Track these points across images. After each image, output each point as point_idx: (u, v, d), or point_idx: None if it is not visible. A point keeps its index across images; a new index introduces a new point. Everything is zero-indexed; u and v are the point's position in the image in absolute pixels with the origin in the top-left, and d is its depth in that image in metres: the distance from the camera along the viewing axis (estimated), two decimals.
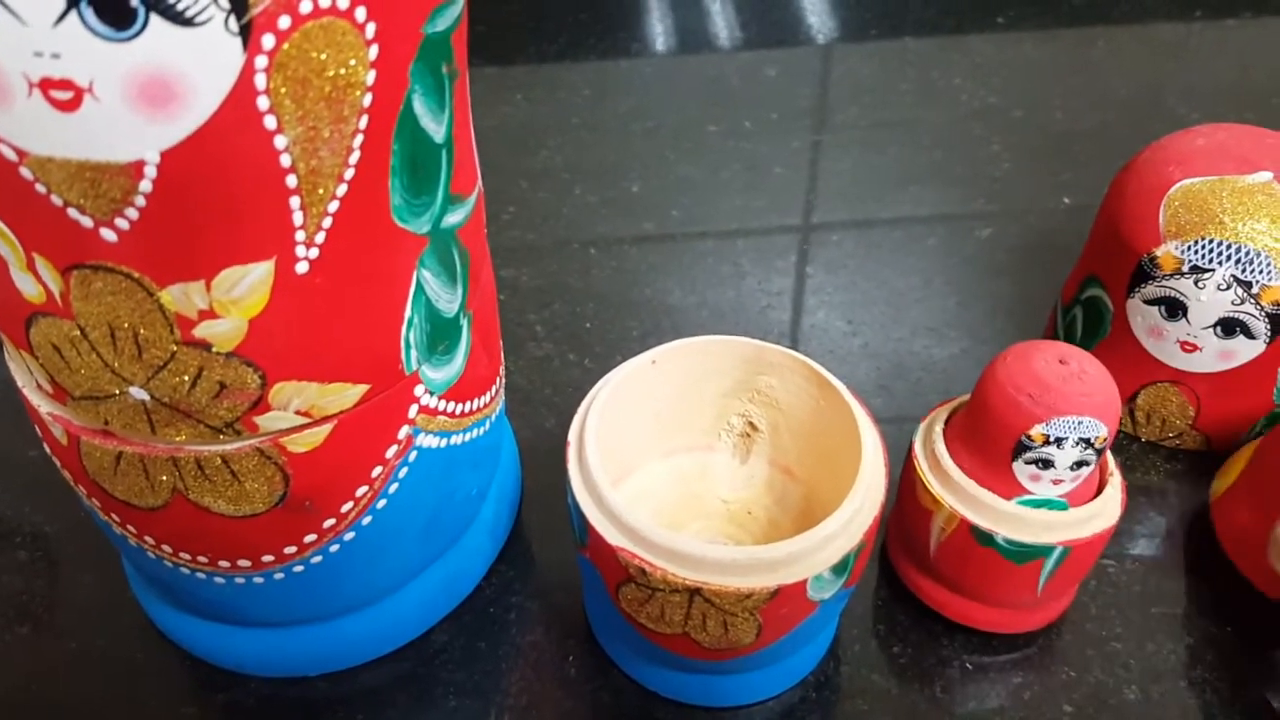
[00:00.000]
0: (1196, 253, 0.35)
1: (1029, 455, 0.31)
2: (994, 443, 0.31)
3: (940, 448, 0.33)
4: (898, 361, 0.44)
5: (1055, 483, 0.31)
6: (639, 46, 0.65)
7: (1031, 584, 0.33)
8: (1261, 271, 0.35)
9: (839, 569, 0.29)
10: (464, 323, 0.30)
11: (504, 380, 0.36)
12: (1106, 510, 0.32)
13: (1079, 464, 0.31)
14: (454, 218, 0.27)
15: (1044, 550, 0.32)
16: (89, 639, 0.36)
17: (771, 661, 0.32)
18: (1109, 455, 0.34)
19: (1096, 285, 0.39)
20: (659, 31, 0.66)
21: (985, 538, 0.32)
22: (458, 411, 0.31)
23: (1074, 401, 0.30)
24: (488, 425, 0.34)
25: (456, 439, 0.32)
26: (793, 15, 0.67)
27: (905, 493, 0.35)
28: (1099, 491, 0.33)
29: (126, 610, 0.36)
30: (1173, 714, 0.33)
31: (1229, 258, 0.35)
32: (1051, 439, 0.30)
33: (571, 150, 0.56)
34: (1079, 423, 0.30)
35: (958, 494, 0.32)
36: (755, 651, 0.30)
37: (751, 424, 0.36)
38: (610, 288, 0.48)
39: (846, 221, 0.52)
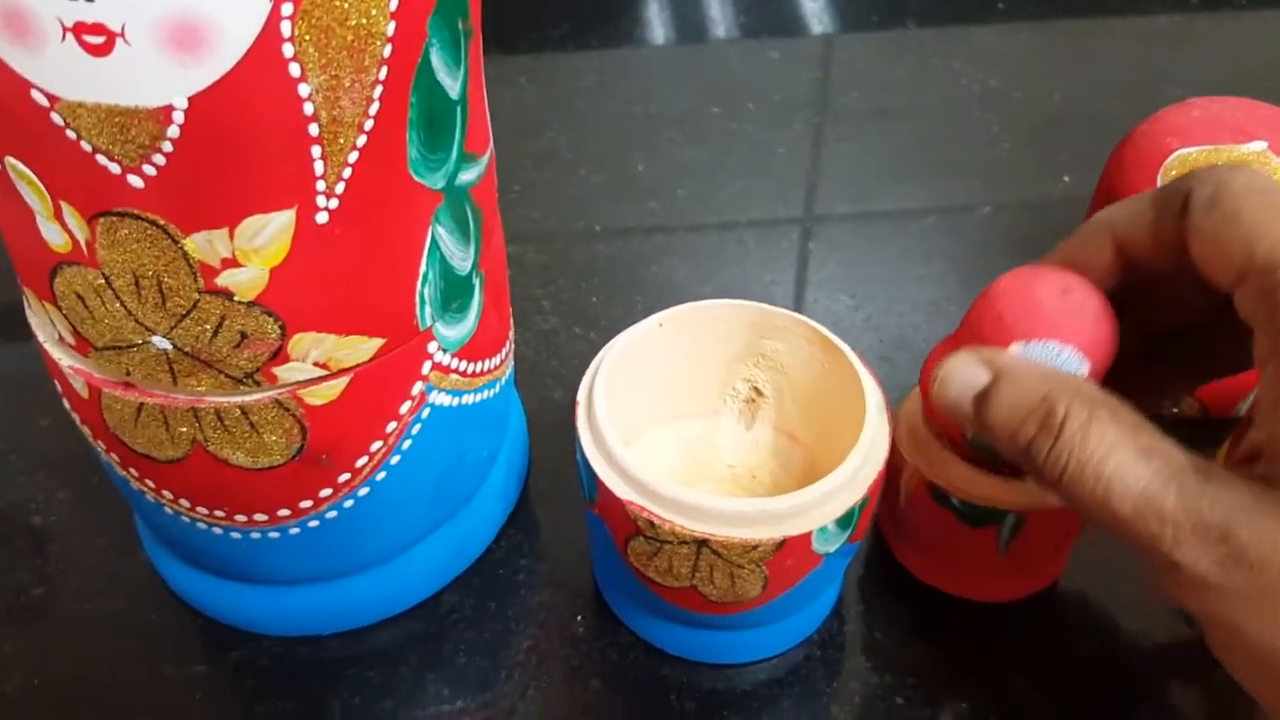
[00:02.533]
0: None
1: None
2: None
3: (917, 406, 0.34)
4: (899, 334, 0.45)
5: None
6: (641, 34, 0.65)
7: (991, 549, 0.33)
8: None
9: (843, 522, 0.30)
10: (476, 282, 0.30)
11: (513, 345, 0.36)
12: None
13: None
14: (468, 175, 0.28)
15: (997, 515, 0.32)
16: (102, 601, 0.36)
17: (777, 618, 0.33)
18: None
19: None
20: (660, 20, 0.67)
21: (941, 496, 0.32)
22: (469, 371, 0.32)
23: (1059, 328, 0.28)
24: (498, 388, 0.34)
25: (468, 399, 0.32)
26: (792, 4, 0.67)
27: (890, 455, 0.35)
28: None
29: (139, 571, 0.37)
30: (1157, 671, 0.34)
31: None
32: None
33: (575, 133, 0.57)
34: (1058, 353, 0.28)
35: (921, 450, 0.33)
36: (761, 605, 0.31)
37: (757, 389, 0.37)
38: (615, 265, 0.49)
39: (848, 201, 0.53)
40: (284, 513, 0.30)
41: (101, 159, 0.23)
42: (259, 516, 0.31)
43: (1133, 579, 0.37)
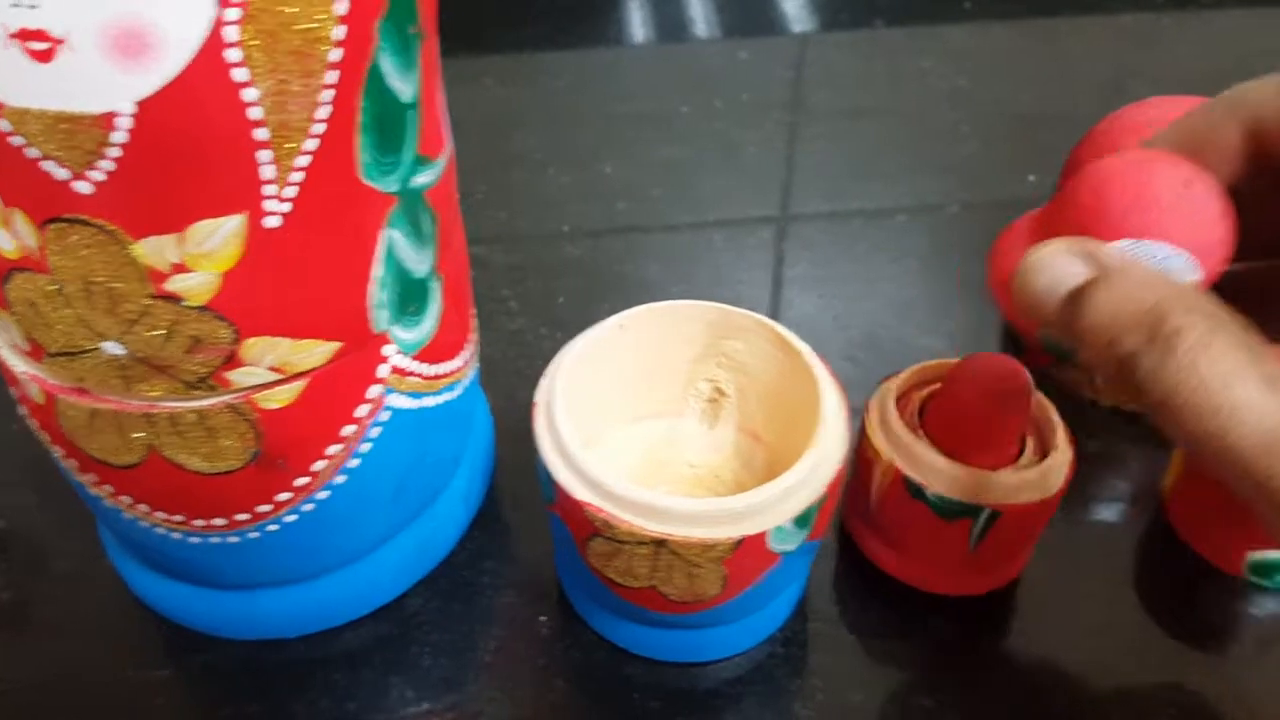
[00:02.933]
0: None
1: None
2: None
3: (889, 402, 0.34)
4: (868, 333, 0.45)
5: None
6: (614, 34, 0.65)
7: (961, 543, 0.33)
8: None
9: (801, 521, 0.30)
10: (434, 285, 0.30)
11: (477, 348, 0.36)
12: (1044, 482, 0.33)
13: None
14: (423, 178, 0.28)
15: (971, 510, 0.32)
16: (67, 605, 0.36)
17: (740, 616, 0.33)
18: (1061, 426, 0.34)
19: None
20: (634, 20, 0.67)
21: (916, 490, 0.33)
22: (430, 373, 0.32)
23: (1174, 227, 0.25)
24: (460, 389, 0.34)
25: (429, 401, 0.32)
26: (765, 4, 0.68)
27: (858, 450, 0.35)
28: (1042, 460, 0.34)
29: (104, 576, 0.37)
30: (1120, 666, 0.34)
31: None
32: None
33: (545, 133, 0.57)
34: (1170, 255, 0.25)
35: (896, 445, 0.33)
36: (722, 604, 0.31)
37: (719, 389, 0.37)
38: (583, 265, 0.49)
39: (819, 201, 0.53)
40: (242, 517, 0.30)
41: (49, 165, 0.23)
42: (217, 521, 0.31)
43: (1095, 573, 0.37)
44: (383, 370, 0.30)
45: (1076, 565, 0.37)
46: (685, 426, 0.38)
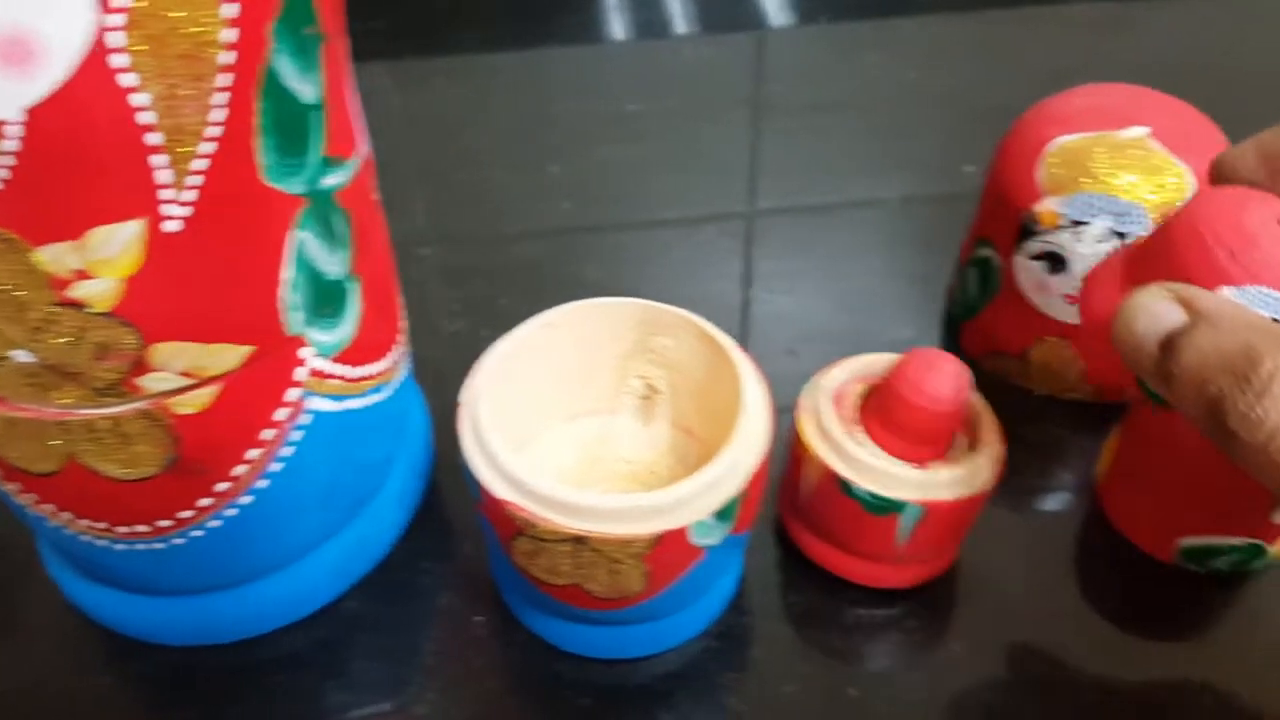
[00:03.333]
0: (1073, 207, 0.37)
1: None
2: None
3: (821, 396, 0.34)
4: (807, 328, 0.45)
5: None
6: (564, 35, 0.65)
7: (890, 537, 0.33)
8: (1135, 223, 0.36)
9: (722, 515, 0.30)
10: (351, 286, 0.30)
11: (408, 347, 0.36)
12: (972, 478, 0.33)
13: None
14: (333, 180, 0.28)
15: (898, 505, 0.32)
16: (4, 614, 0.36)
17: (670, 612, 0.33)
18: (991, 422, 0.34)
19: (987, 245, 0.41)
20: (606, 20, 0.67)
21: (845, 486, 0.33)
22: (352, 375, 0.32)
23: (1274, 272, 0.25)
24: (389, 391, 0.34)
25: (354, 403, 0.32)
26: (728, 3, 0.68)
27: (790, 444, 0.36)
28: (971, 454, 0.34)
29: (40, 585, 0.36)
30: (1058, 650, 0.35)
31: (1105, 210, 0.36)
32: None
33: (492, 134, 0.57)
34: (1270, 300, 0.25)
35: (826, 440, 0.33)
36: (647, 600, 0.31)
37: (652, 386, 0.37)
38: (529, 266, 0.49)
39: (770, 197, 0.53)
40: (165, 523, 0.30)
41: None
42: (140, 528, 0.30)
43: (1030, 562, 0.37)
44: (300, 373, 0.30)
45: (1011, 555, 0.37)
46: (620, 423, 0.38)
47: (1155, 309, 0.24)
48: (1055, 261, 0.38)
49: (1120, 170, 0.36)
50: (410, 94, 0.60)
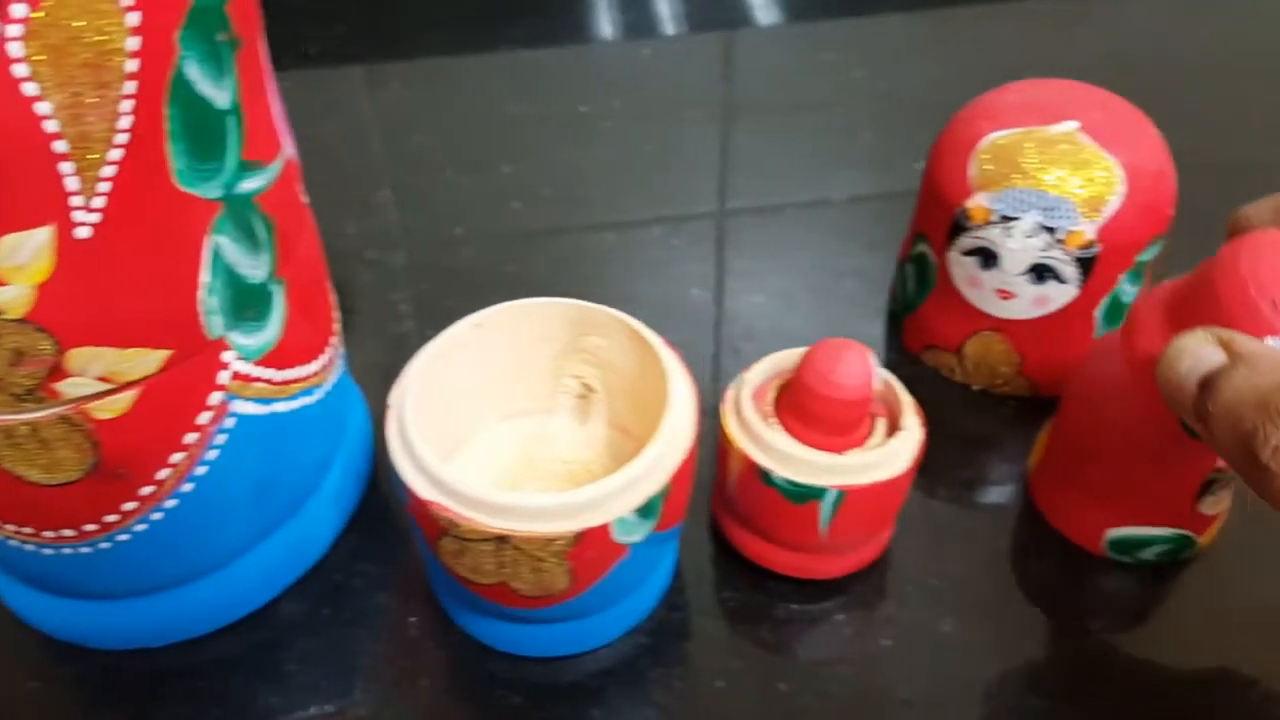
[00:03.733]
0: (1003, 203, 0.37)
1: None
2: None
3: (744, 391, 0.35)
4: (750, 325, 0.46)
5: None
6: (536, 36, 0.65)
7: (812, 526, 0.34)
8: (1065, 217, 0.36)
9: (644, 512, 0.30)
10: (275, 289, 0.31)
11: (341, 350, 0.37)
12: (889, 462, 0.33)
13: None
14: (251, 184, 0.28)
15: (817, 492, 0.33)
16: None
17: (599, 609, 0.33)
18: (912, 405, 0.35)
19: (923, 242, 0.41)
20: (538, 24, 0.67)
21: (765, 475, 0.33)
22: (278, 379, 0.32)
23: None
24: (320, 394, 0.34)
25: (282, 406, 0.32)
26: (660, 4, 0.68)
27: (718, 439, 0.36)
28: (890, 439, 0.34)
29: None
30: (987, 642, 0.35)
31: (1034, 206, 0.37)
32: None
33: (445, 136, 0.57)
34: None
35: (747, 433, 0.34)
36: (574, 598, 0.31)
37: (587, 385, 0.37)
38: (478, 269, 0.49)
39: (715, 199, 0.53)
40: (90, 528, 0.30)
41: None
42: (66, 532, 0.31)
43: (962, 554, 0.38)
44: (223, 377, 0.30)
45: (943, 548, 0.38)
46: (557, 423, 0.38)
47: (1199, 352, 0.25)
48: (987, 257, 0.38)
49: (1050, 165, 0.37)
50: (366, 98, 0.60)
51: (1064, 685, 0.34)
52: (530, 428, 0.38)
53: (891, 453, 0.33)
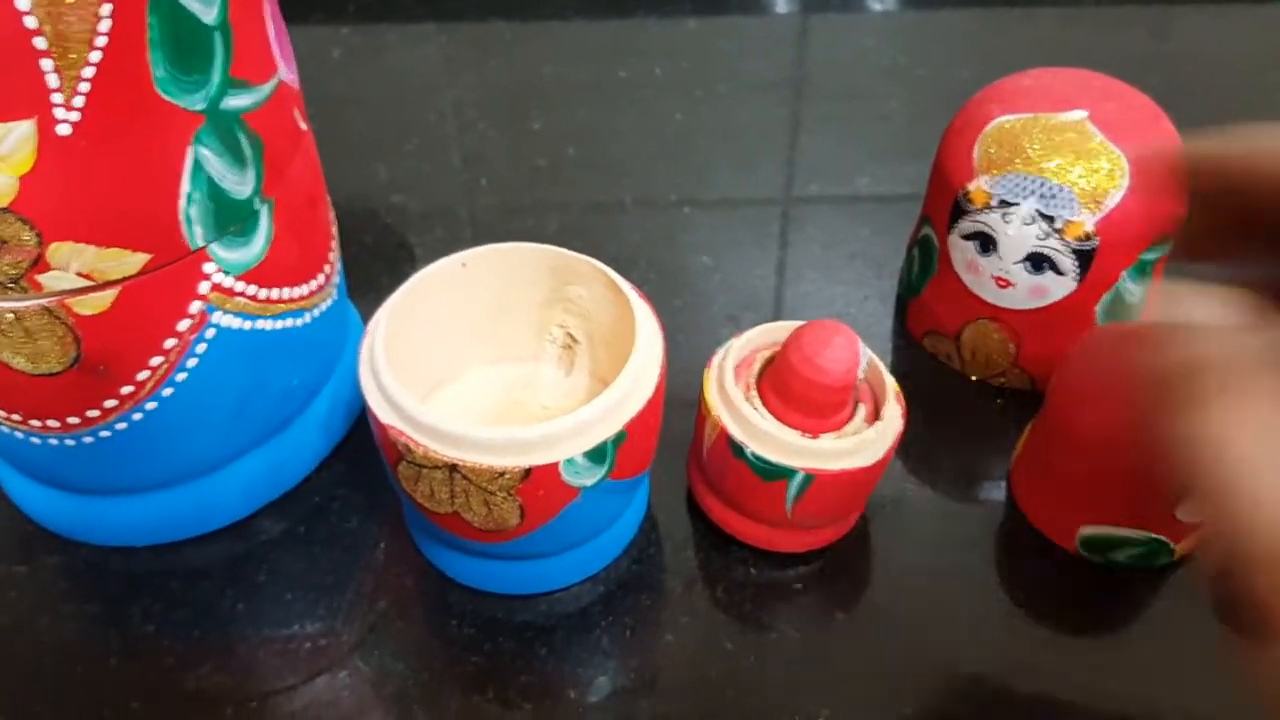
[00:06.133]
0: (1003, 187, 0.36)
1: None
2: None
3: (727, 360, 0.35)
4: (751, 295, 0.46)
5: None
6: (584, 6, 0.66)
7: (779, 503, 0.34)
8: (1064, 207, 0.36)
9: (594, 456, 0.30)
10: (262, 208, 0.32)
11: (337, 279, 0.38)
12: (863, 451, 0.33)
13: None
14: (238, 101, 0.29)
15: (787, 472, 0.33)
16: None
17: (555, 550, 0.34)
18: (895, 395, 0.34)
19: (928, 224, 0.41)
20: None
21: (738, 448, 0.33)
22: (262, 296, 0.33)
23: None
24: (308, 318, 0.35)
25: (264, 324, 0.33)
26: None
27: (698, 403, 0.36)
28: (870, 426, 0.34)
29: None
30: (943, 629, 0.35)
31: (1033, 193, 0.36)
32: None
33: (481, 91, 0.58)
34: None
35: (726, 403, 0.34)
36: (525, 535, 0.32)
37: (571, 335, 0.38)
38: (495, 220, 0.50)
39: (767, 176, 0.53)
40: (73, 420, 0.32)
41: None
42: (51, 423, 0.32)
43: (934, 541, 0.37)
44: (204, 287, 0.31)
45: (917, 534, 0.37)
46: (543, 371, 0.39)
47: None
48: (985, 242, 0.38)
49: (1052, 152, 0.36)
50: (407, 51, 0.62)
51: (1031, 678, 0.34)
52: (517, 373, 0.39)
53: (866, 441, 0.33)
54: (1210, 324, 0.22)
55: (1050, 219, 0.36)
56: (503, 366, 0.39)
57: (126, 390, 0.32)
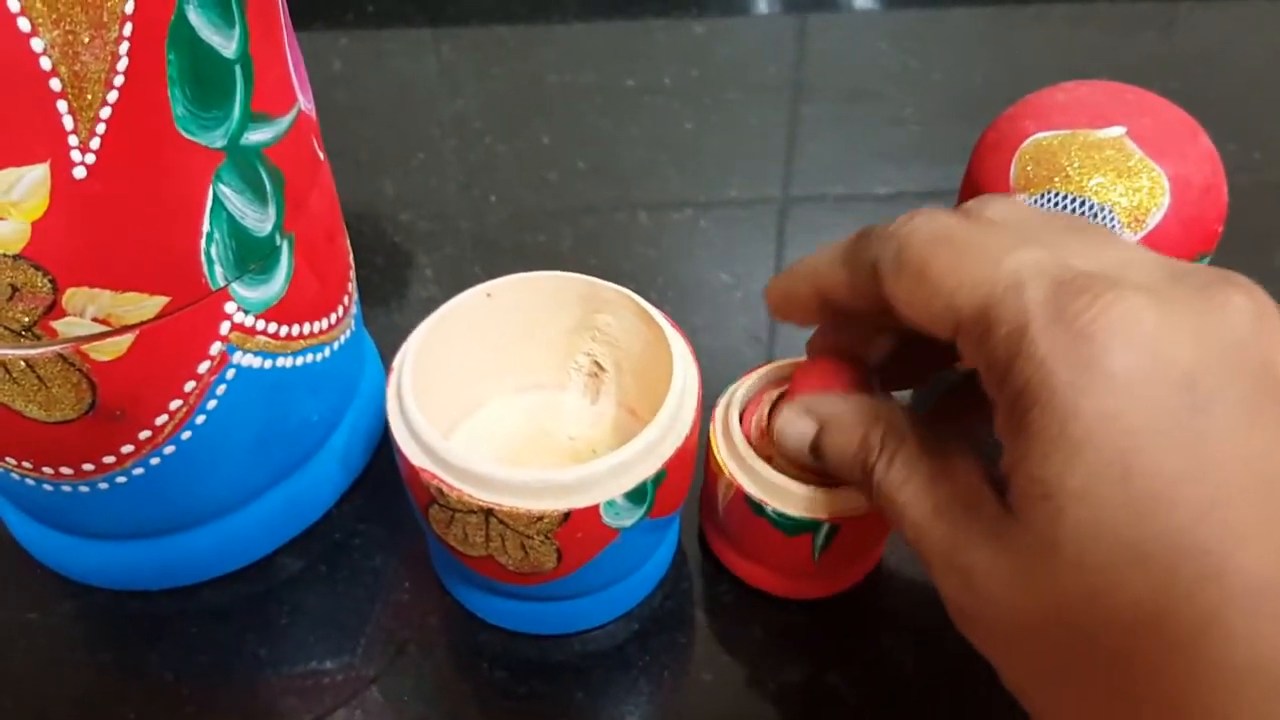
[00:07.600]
0: (1042, 205, 0.35)
1: None
2: None
3: (732, 413, 0.33)
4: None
5: None
6: (588, 10, 0.65)
7: (805, 555, 0.33)
8: (1104, 224, 0.35)
9: (634, 496, 0.29)
10: (282, 244, 0.30)
11: (355, 310, 0.36)
12: None
13: None
14: (258, 135, 0.28)
15: (811, 525, 0.32)
16: None
17: (591, 590, 0.33)
18: None
19: None
20: None
21: (757, 507, 0.32)
22: (283, 334, 0.32)
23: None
24: (328, 352, 0.34)
25: (285, 362, 0.32)
26: None
27: (706, 458, 0.35)
28: None
29: None
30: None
31: (1073, 211, 0.35)
32: None
33: (488, 102, 0.57)
34: None
35: (737, 460, 0.33)
36: (563, 577, 0.31)
37: (598, 364, 0.37)
38: (507, 238, 0.49)
39: (780, 184, 0.52)
40: (88, 467, 0.31)
41: None
42: (65, 470, 0.31)
43: None
44: (224, 327, 0.30)
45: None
46: (569, 400, 0.38)
47: (795, 425, 0.30)
48: None
49: (1093, 170, 0.35)
50: (406, 63, 0.60)
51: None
52: (543, 401, 0.38)
53: None
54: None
55: None
56: (527, 395, 0.38)
57: (144, 435, 0.30)
